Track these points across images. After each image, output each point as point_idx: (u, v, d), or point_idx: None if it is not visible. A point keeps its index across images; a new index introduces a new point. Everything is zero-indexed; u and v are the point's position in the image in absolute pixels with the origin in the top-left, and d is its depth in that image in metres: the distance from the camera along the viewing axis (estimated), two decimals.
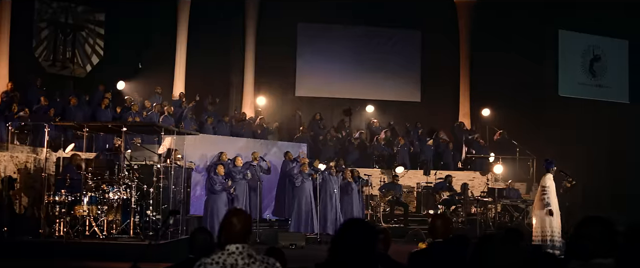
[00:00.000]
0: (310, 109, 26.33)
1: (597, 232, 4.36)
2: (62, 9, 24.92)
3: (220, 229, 4.97)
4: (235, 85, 27.01)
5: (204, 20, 25.20)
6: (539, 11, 26.46)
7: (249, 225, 4.98)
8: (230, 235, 4.88)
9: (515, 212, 21.43)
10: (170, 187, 15.57)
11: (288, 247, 16.78)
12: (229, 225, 4.91)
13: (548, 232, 15.43)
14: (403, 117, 27.20)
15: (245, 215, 5.09)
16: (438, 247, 6.90)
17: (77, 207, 14.46)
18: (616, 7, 26.28)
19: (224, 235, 4.95)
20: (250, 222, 5.02)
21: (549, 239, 15.26)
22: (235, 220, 4.93)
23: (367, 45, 28.11)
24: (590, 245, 4.32)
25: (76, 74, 24.87)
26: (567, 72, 28.39)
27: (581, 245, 4.37)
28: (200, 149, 19.49)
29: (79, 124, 16.15)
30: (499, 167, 23.42)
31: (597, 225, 4.40)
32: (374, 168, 23.57)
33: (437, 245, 6.96)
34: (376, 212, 21.27)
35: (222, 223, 5.01)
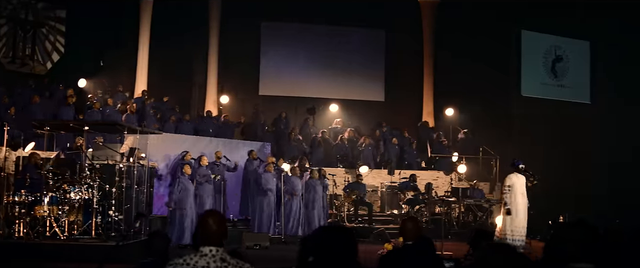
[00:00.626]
0: (273, 108, 26.17)
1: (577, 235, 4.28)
2: (21, 5, 24.56)
3: (196, 230, 4.87)
4: (198, 84, 26.81)
5: (167, 18, 24.95)
6: (502, 11, 26.50)
7: (224, 227, 4.89)
8: (206, 237, 4.78)
9: (479, 212, 21.49)
10: (133, 187, 15.35)
11: (252, 248, 16.67)
12: (204, 227, 4.81)
13: (508, 231, 15.53)
14: (367, 117, 27.21)
15: (221, 216, 5.00)
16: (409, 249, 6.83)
17: (37, 207, 14.15)
18: (578, 8, 26.45)
19: (199, 236, 4.84)
20: (225, 224, 4.93)
21: (510, 238, 15.34)
22: (211, 221, 4.83)
23: (331, 45, 28.08)
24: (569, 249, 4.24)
25: (36, 72, 24.51)
26: (530, 72, 28.50)
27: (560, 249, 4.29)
28: (163, 148, 19.26)
29: (39, 123, 15.86)
30: (462, 167, 23.48)
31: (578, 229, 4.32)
32: (338, 168, 23.48)
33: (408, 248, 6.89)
34: (340, 212, 21.18)
35: (197, 224, 4.91)
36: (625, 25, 26.70)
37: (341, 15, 27.04)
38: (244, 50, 26.98)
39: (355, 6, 26.46)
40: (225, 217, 5.04)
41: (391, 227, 20.25)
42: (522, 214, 15.75)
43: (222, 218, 4.96)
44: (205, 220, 4.85)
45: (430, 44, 27.58)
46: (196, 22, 26.19)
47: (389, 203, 22.84)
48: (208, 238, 4.77)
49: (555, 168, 23.22)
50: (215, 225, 4.81)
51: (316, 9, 26.51)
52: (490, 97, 26.59)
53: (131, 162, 15.73)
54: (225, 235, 4.88)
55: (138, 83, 24.42)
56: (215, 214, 4.96)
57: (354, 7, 26.51)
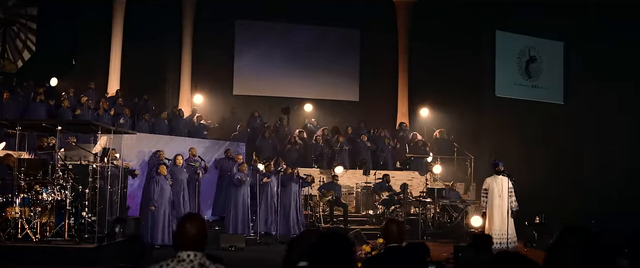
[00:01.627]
0: (247, 107, 26.00)
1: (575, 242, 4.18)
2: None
3: (174, 235, 4.73)
4: (171, 82, 26.58)
5: (140, 16, 24.73)
6: (476, 12, 26.57)
7: (204, 230, 4.73)
8: (184, 241, 4.64)
9: (455, 212, 21.44)
10: (107, 187, 15.09)
11: (228, 249, 16.52)
12: (182, 231, 4.66)
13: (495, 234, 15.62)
14: (341, 116, 27.18)
15: (200, 219, 4.84)
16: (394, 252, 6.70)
17: (8, 208, 13.87)
18: (552, 8, 26.54)
19: (176, 240, 4.70)
20: (205, 228, 4.77)
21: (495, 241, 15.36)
22: (189, 225, 4.68)
23: (305, 44, 27.96)
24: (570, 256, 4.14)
25: (7, 70, 24.13)
26: (504, 72, 28.58)
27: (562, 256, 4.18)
28: (137, 147, 19.03)
29: (11, 122, 15.56)
30: (437, 167, 23.44)
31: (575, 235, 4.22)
32: (313, 168, 23.38)
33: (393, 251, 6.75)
34: (315, 213, 21.06)
35: (176, 228, 4.76)
36: (599, 26, 26.86)
37: (316, 15, 26.93)
38: (218, 49, 26.82)
39: (330, 5, 26.38)
40: (204, 221, 4.86)
41: (367, 228, 20.18)
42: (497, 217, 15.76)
43: (201, 222, 4.80)
44: (184, 224, 4.70)
45: (405, 44, 27.55)
46: (169, 20, 25.99)
47: (364, 204, 22.79)
48: (186, 242, 4.62)
49: (529, 168, 23.27)
50: (194, 229, 4.66)
51: (291, 8, 26.40)
52: (464, 98, 26.63)
53: (105, 162, 15.47)
54: (205, 240, 4.73)
55: (111, 81, 24.14)
56: (194, 218, 4.80)
57: (330, 7, 26.42)
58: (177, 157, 18.02)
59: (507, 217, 15.67)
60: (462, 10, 26.11)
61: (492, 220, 15.84)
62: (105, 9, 24.50)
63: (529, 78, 29.12)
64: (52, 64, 24.28)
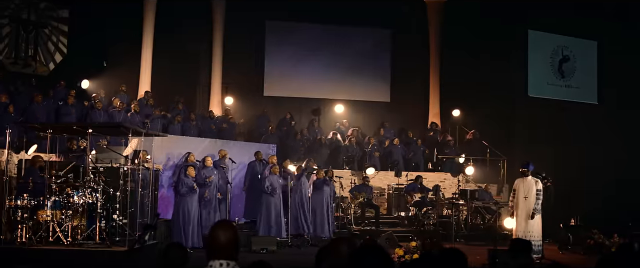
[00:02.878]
0: (278, 109, 25.92)
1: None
2: (24, 5, 24.30)
3: (206, 242, 4.63)
4: (202, 84, 26.57)
5: (171, 17, 24.73)
6: (508, 11, 26.28)
7: (236, 238, 4.62)
8: (214, 250, 4.53)
9: (487, 214, 21.24)
10: (138, 190, 15.05)
11: (260, 252, 16.44)
12: (213, 239, 4.55)
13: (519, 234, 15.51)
14: (373, 117, 27.00)
15: (232, 227, 4.73)
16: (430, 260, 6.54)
17: (40, 211, 13.86)
18: (585, 7, 26.22)
19: (208, 249, 4.59)
20: (236, 236, 4.65)
21: None
22: (221, 233, 4.57)
23: (336, 45, 27.82)
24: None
25: (39, 72, 24.24)
26: (536, 72, 28.25)
27: None
28: (167, 149, 18.99)
29: (42, 125, 15.58)
30: (470, 169, 23.21)
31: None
32: (344, 170, 23.25)
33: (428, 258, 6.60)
34: (347, 214, 20.93)
35: (208, 235, 4.66)
36: (633, 25, 26.50)
37: (347, 15, 26.76)
38: (248, 50, 26.80)
39: (361, 6, 26.22)
40: (236, 228, 4.73)
41: (399, 230, 20.06)
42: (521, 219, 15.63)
43: (233, 230, 4.69)
44: (215, 231, 4.59)
45: (437, 44, 27.33)
46: (200, 21, 25.99)
47: (396, 206, 22.63)
48: (217, 251, 4.51)
49: (563, 168, 22.97)
50: (225, 237, 4.56)
51: (322, 9, 26.27)
52: (496, 98, 26.35)
53: (136, 165, 15.44)
54: (237, 247, 4.62)
55: (142, 83, 24.17)
56: (225, 225, 4.70)
57: (360, 7, 26.26)
58: (206, 158, 17.95)
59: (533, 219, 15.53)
60: (494, 9, 25.84)
61: (517, 221, 15.74)
62: (135, 11, 24.52)
63: (562, 78, 28.77)
64: (84, 66, 24.37)
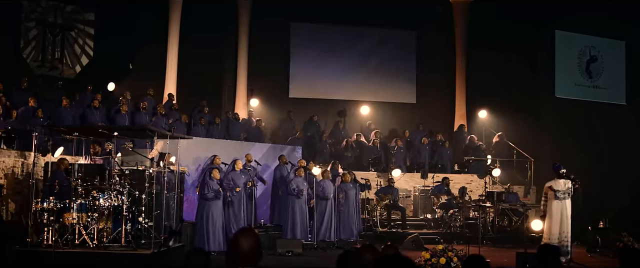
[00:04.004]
0: (303, 110, 25.86)
1: None
2: (50, 8, 24.44)
3: (227, 249, 4.57)
4: (227, 86, 26.58)
5: (196, 20, 24.77)
6: (535, 11, 26.08)
7: (258, 246, 4.56)
8: (237, 258, 4.46)
9: (515, 216, 21.07)
10: (163, 192, 15.05)
11: (285, 254, 16.40)
12: (235, 246, 4.49)
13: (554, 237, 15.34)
14: (398, 119, 26.88)
15: (254, 235, 4.67)
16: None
17: (66, 214, 13.93)
18: (613, 7, 25.96)
19: (230, 257, 4.52)
20: (259, 243, 4.59)
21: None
22: (243, 240, 4.51)
23: (361, 46, 27.76)
24: None
25: (65, 75, 24.38)
26: (564, 73, 27.99)
27: None
28: (193, 152, 18.99)
29: (69, 128, 15.65)
30: (497, 171, 23.03)
31: None
32: (370, 172, 23.14)
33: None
34: (372, 216, 20.83)
35: (230, 242, 4.60)
36: None
37: (372, 16, 26.68)
38: (273, 52, 26.78)
39: (386, 7, 26.13)
40: (258, 236, 4.66)
41: (425, 232, 19.98)
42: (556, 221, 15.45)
43: (255, 237, 4.63)
44: (237, 239, 4.53)
45: (463, 45, 27.18)
46: (225, 24, 26.05)
47: (422, 208, 22.52)
48: (239, 259, 4.45)
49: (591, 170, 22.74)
50: (247, 244, 4.49)
51: (347, 10, 26.22)
52: (523, 99, 26.17)
53: (161, 167, 15.45)
54: (259, 255, 4.55)
55: (167, 85, 24.21)
56: (248, 233, 4.63)
57: (385, 8, 26.17)
58: (236, 162, 17.93)
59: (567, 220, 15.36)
60: (521, 10, 25.65)
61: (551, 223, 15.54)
62: (161, 13, 24.59)
63: (590, 78, 28.50)
64: (110, 68, 24.49)
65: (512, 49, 25.81)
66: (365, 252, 5.12)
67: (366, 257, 5.03)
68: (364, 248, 5.23)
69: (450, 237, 19.05)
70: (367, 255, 5.03)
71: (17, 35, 23.63)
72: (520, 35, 26.05)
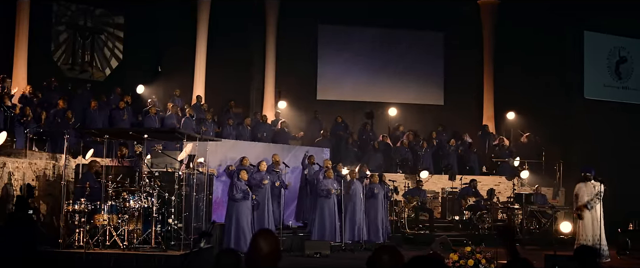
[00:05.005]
0: (331, 112, 25.91)
1: None
2: (80, 12, 24.74)
3: (247, 251, 4.64)
4: (255, 88, 26.72)
5: (224, 22, 24.92)
6: (563, 12, 25.96)
7: (277, 247, 4.62)
8: (257, 260, 4.52)
9: (543, 218, 20.98)
10: (193, 194, 15.17)
11: (313, 256, 16.44)
12: (255, 248, 4.55)
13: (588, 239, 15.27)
14: (426, 121, 26.85)
15: (273, 237, 4.73)
16: None
17: (96, 216, 14.08)
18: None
19: (249, 258, 4.59)
20: (278, 245, 4.65)
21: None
22: (262, 242, 4.57)
23: (388, 47, 27.80)
24: None
25: (95, 78, 24.65)
26: (593, 74, 27.82)
27: None
28: (221, 153, 19.11)
29: (100, 131, 15.83)
30: (525, 173, 22.94)
31: None
32: (398, 173, 23.16)
33: None
34: (400, 218, 20.84)
35: (249, 244, 4.66)
36: None
37: (399, 18, 26.70)
38: (301, 54, 26.88)
39: (413, 8, 26.11)
40: (278, 238, 4.71)
41: (453, 234, 19.94)
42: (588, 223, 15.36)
43: (275, 239, 4.68)
44: (257, 241, 4.59)
45: (490, 46, 27.14)
46: (253, 26, 26.21)
47: (450, 210, 22.49)
48: (258, 261, 4.51)
49: (620, 172, 22.58)
50: (267, 247, 4.55)
51: (373, 12, 26.26)
52: (552, 100, 26.05)
53: (190, 169, 15.57)
54: (278, 257, 4.61)
55: (196, 87, 24.39)
56: (267, 235, 4.69)
57: (412, 10, 26.16)
58: (261, 162, 18.01)
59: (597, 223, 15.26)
60: (549, 10, 25.55)
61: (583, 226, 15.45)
62: (189, 16, 24.79)
63: (619, 79, 28.32)
64: (139, 71, 24.74)
65: (540, 49, 25.69)
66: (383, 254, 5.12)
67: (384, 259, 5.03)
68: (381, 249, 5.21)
69: (478, 239, 18.96)
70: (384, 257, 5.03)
71: (48, 38, 23.93)
72: (549, 36, 25.95)
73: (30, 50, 21.62)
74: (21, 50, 21.41)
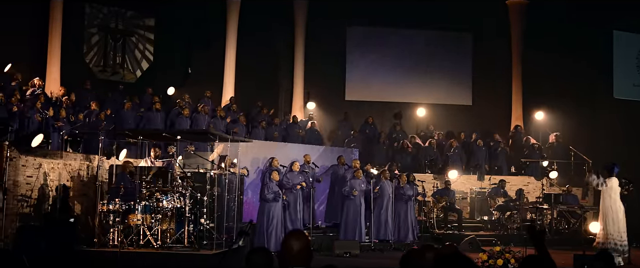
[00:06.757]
0: (360, 113, 26.03)
1: None
2: (112, 15, 25.01)
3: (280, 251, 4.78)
4: (284, 88, 26.90)
5: (253, 25, 25.11)
6: (592, 12, 25.84)
7: (308, 247, 4.75)
8: (288, 260, 4.67)
9: (572, 218, 20.96)
10: (224, 194, 15.37)
11: (342, 255, 16.56)
12: (286, 248, 4.69)
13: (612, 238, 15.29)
14: (454, 121, 26.87)
15: (304, 237, 4.87)
16: None
17: (130, 215, 14.33)
18: None
19: (281, 258, 4.73)
20: (309, 245, 4.79)
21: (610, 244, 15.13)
22: (294, 242, 4.71)
23: (416, 48, 27.86)
24: None
25: (126, 79, 24.93)
26: (622, 73, 27.70)
27: None
28: (252, 154, 19.30)
29: (133, 132, 16.07)
30: (554, 173, 22.89)
31: None
32: (427, 174, 23.22)
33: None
34: (429, 218, 20.92)
35: (281, 245, 4.80)
36: None
37: (427, 19, 26.74)
38: (329, 55, 27.01)
39: (441, 9, 26.15)
40: (308, 238, 4.86)
41: (482, 234, 20.01)
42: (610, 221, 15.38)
43: (306, 239, 4.82)
44: (288, 241, 4.73)
45: (519, 46, 27.09)
46: (282, 27, 26.38)
47: (478, 210, 22.54)
48: (290, 261, 4.65)
49: None
50: (297, 246, 4.68)
51: (402, 13, 26.35)
52: (581, 100, 25.99)
53: (222, 170, 15.77)
54: (309, 256, 4.74)
55: (226, 88, 24.58)
56: (299, 235, 4.83)
57: (441, 11, 26.20)
58: (293, 163, 18.17)
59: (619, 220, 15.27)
60: (577, 10, 25.47)
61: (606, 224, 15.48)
62: (219, 16, 25.01)
63: None
64: (169, 73, 24.99)
65: (569, 49, 25.61)
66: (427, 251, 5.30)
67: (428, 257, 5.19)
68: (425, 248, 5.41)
69: (507, 239, 19.01)
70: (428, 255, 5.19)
71: (80, 40, 24.22)
72: (578, 36, 25.86)
73: (62, 52, 21.93)
74: (54, 52, 21.72)
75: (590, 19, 26.00)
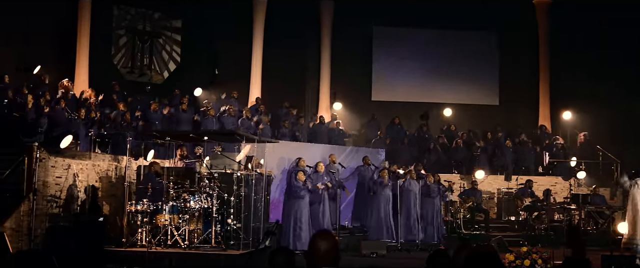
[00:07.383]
0: (386, 113, 26.02)
1: None
2: (139, 16, 25.20)
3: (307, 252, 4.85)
4: (311, 89, 26.98)
5: (279, 25, 25.22)
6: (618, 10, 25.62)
7: (335, 248, 4.77)
8: (316, 260, 4.69)
9: (600, 219, 20.83)
10: (251, 195, 15.44)
11: (369, 256, 16.58)
12: (314, 249, 4.71)
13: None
14: (481, 121, 26.79)
15: (332, 237, 4.89)
16: None
17: (158, 216, 14.44)
18: None
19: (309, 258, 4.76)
20: (336, 245, 4.81)
21: None
22: (321, 242, 4.73)
23: (442, 48, 27.86)
24: None
25: (154, 81, 25.11)
26: None
27: None
28: (278, 155, 19.34)
29: (161, 133, 16.19)
30: (582, 173, 22.75)
31: None
32: (453, 174, 23.18)
33: None
34: (456, 219, 20.89)
35: (308, 245, 4.82)
36: None
37: (454, 19, 26.70)
38: (356, 55, 27.07)
39: (467, 9, 26.13)
40: (336, 238, 4.88)
41: (509, 235, 19.91)
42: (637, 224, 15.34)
43: (333, 240, 4.83)
44: (315, 241, 4.75)
45: (546, 45, 26.97)
46: (308, 28, 26.47)
47: (506, 210, 22.45)
48: (317, 261, 4.67)
49: None
50: (325, 246, 4.70)
51: (428, 13, 26.32)
52: (609, 99, 25.78)
53: (249, 170, 15.84)
54: (336, 256, 4.77)
55: (252, 89, 24.70)
56: (326, 235, 4.84)
57: (466, 10, 26.17)
58: (318, 164, 18.19)
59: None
60: (604, 9, 25.26)
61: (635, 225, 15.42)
62: (245, 17, 25.13)
63: None
64: (196, 74, 25.14)
65: (597, 47, 25.47)
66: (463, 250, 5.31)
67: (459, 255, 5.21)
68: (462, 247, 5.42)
69: (535, 239, 18.93)
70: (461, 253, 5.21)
71: (108, 42, 24.43)
72: (605, 35, 25.68)
73: (91, 53, 22.15)
74: (83, 53, 21.96)
75: (618, 16, 25.71)
